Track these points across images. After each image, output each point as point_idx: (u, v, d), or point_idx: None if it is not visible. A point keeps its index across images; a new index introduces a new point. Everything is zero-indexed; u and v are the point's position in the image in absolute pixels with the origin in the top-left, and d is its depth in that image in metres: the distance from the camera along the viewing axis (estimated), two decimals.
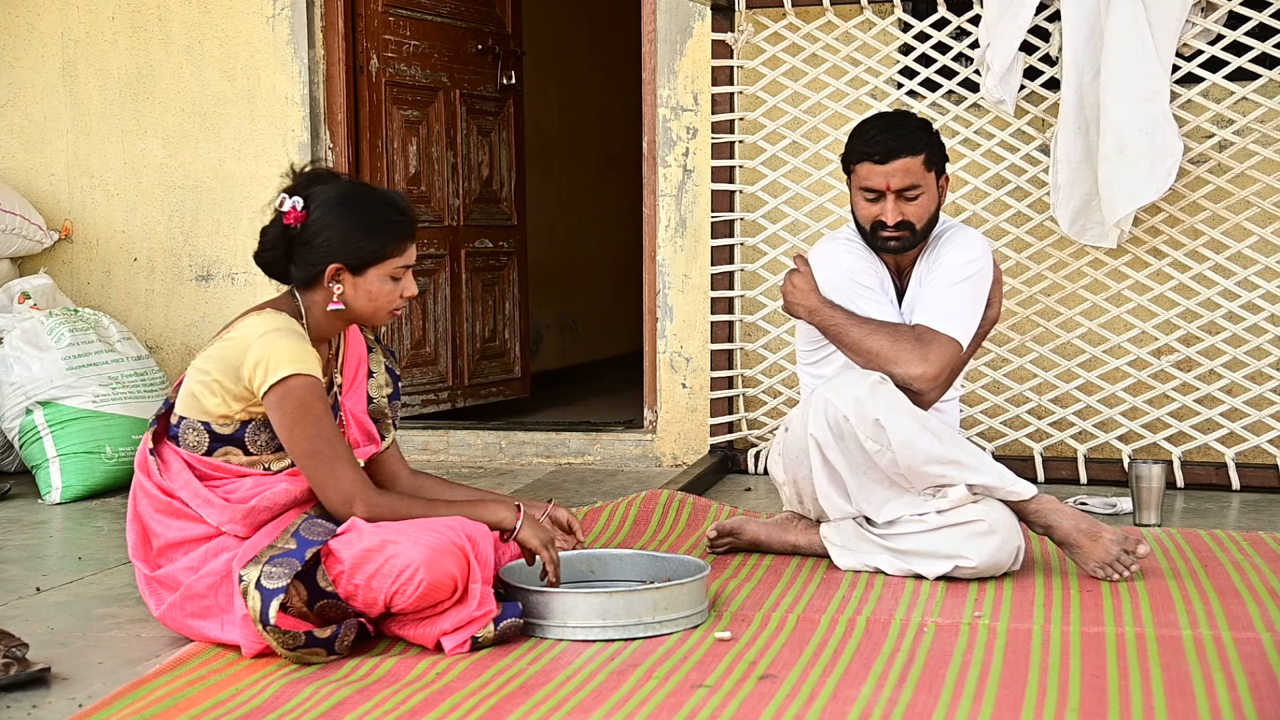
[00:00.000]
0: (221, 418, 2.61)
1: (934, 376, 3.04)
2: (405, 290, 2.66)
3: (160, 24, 4.98)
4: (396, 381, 2.87)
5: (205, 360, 2.62)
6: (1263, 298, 4.15)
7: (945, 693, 2.24)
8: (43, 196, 5.08)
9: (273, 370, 2.53)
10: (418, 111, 5.23)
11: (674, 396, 4.65)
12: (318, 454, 2.56)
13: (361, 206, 2.62)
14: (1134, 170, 3.95)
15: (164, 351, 5.01)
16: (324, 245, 2.60)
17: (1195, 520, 3.70)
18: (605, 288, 7.83)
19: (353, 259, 2.61)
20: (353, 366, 2.80)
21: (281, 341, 2.55)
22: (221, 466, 2.62)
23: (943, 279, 3.13)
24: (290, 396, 2.53)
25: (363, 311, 2.66)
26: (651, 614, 2.57)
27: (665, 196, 4.63)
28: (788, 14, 4.45)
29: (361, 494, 2.57)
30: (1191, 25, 4.06)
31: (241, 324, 2.62)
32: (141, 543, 2.65)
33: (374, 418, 2.82)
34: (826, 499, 3.06)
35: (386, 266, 2.63)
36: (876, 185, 3.10)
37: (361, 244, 2.61)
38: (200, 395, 2.61)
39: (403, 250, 2.64)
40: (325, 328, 2.70)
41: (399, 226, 2.64)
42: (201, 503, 2.59)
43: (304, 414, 2.54)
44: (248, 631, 2.45)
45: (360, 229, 2.60)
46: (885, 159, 3.07)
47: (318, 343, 2.69)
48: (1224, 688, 2.26)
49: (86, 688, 2.37)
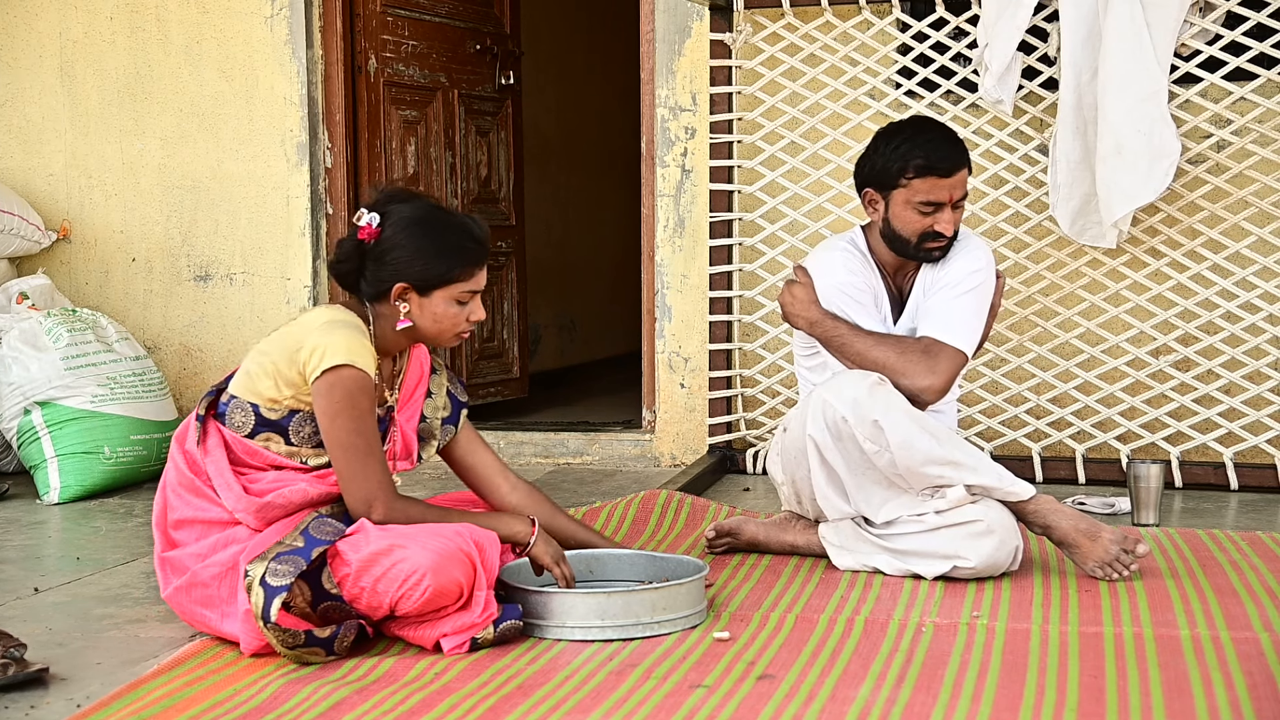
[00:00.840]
0: (270, 401, 2.64)
1: (941, 389, 3.06)
2: (472, 315, 2.70)
3: (158, 24, 4.98)
4: (458, 409, 2.90)
5: (267, 342, 2.67)
6: (1261, 297, 4.15)
7: (943, 693, 2.24)
8: (41, 196, 5.08)
9: (327, 357, 2.56)
10: (416, 111, 5.23)
11: (672, 396, 4.65)
12: (353, 448, 2.58)
13: (434, 229, 2.66)
14: (1131, 171, 3.96)
15: (162, 352, 5.01)
16: (393, 264, 2.64)
17: (1193, 520, 3.70)
18: (603, 288, 7.82)
19: (420, 280, 2.65)
20: (413, 383, 2.84)
21: (341, 332, 2.59)
22: (258, 452, 2.65)
23: (949, 289, 3.13)
24: (339, 385, 2.56)
25: (428, 331, 2.70)
26: (650, 614, 2.57)
27: (663, 196, 4.63)
28: (786, 14, 4.45)
29: (383, 497, 2.60)
30: (1190, 25, 4.06)
31: (309, 312, 2.69)
32: (162, 513, 2.68)
33: (421, 436, 2.85)
34: (825, 499, 3.07)
35: (453, 290, 2.66)
36: (939, 198, 3.08)
37: (429, 266, 2.64)
38: (255, 375, 2.64)
39: (470, 276, 2.67)
40: (389, 342, 2.73)
41: (469, 253, 2.67)
42: (223, 484, 2.61)
43: (349, 405, 2.57)
44: (248, 627, 2.46)
45: (429, 251, 2.64)
46: (951, 172, 3.07)
47: (381, 355, 2.73)
48: (1222, 688, 2.26)
49: (85, 688, 2.37)
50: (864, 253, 3.21)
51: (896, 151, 3.09)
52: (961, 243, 3.19)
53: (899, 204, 3.10)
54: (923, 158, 3.06)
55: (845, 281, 3.15)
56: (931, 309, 3.13)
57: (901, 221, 3.11)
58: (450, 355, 5.35)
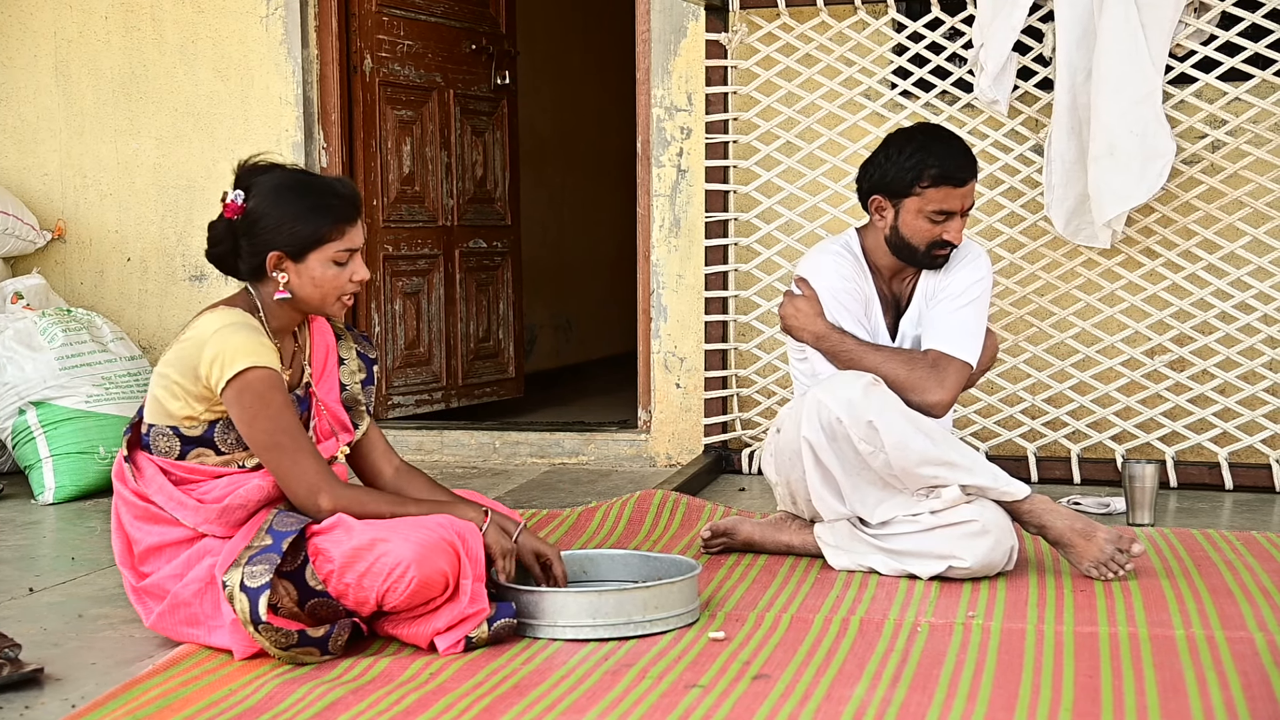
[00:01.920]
0: (187, 419, 2.60)
1: (949, 402, 3.08)
2: (354, 275, 2.63)
3: (153, 24, 4.97)
4: (371, 366, 2.84)
5: (165, 364, 2.62)
6: (1256, 298, 4.15)
7: (939, 693, 2.24)
8: (36, 196, 5.07)
9: (228, 365, 2.52)
10: (411, 111, 5.23)
11: (668, 396, 4.65)
12: (279, 446, 2.54)
13: (297, 192, 2.60)
14: (1123, 172, 3.96)
15: (157, 352, 5.00)
16: (262, 234, 2.59)
17: (1188, 520, 3.70)
18: (599, 288, 7.82)
19: (291, 245, 2.59)
20: (321, 355, 2.78)
21: (235, 336, 2.54)
22: (196, 469, 2.61)
23: (952, 300, 3.14)
24: (248, 390, 2.52)
25: (310, 299, 2.64)
26: (641, 613, 2.57)
27: (659, 196, 4.63)
28: (781, 14, 4.45)
29: (326, 486, 2.55)
30: (1184, 26, 4.06)
31: (196, 324, 2.62)
32: (125, 550, 2.64)
33: (346, 406, 2.80)
34: (820, 500, 3.07)
35: (327, 251, 2.60)
36: (953, 207, 3.08)
37: (296, 229, 2.59)
38: (164, 400, 2.61)
39: (342, 233, 2.61)
40: (283, 320, 2.68)
41: (335, 209, 2.61)
42: (175, 505, 2.58)
43: (263, 406, 2.53)
44: (237, 635, 2.45)
45: (294, 214, 2.59)
46: (965, 181, 3.08)
47: (280, 336, 2.67)
48: (1217, 687, 2.26)
49: (80, 688, 2.37)
50: (857, 256, 3.21)
51: (910, 160, 3.07)
52: (962, 249, 3.19)
53: (910, 212, 3.09)
54: (938, 167, 3.05)
55: (837, 287, 3.15)
56: (936, 320, 3.13)
57: (911, 230, 3.10)
58: (445, 356, 5.35)
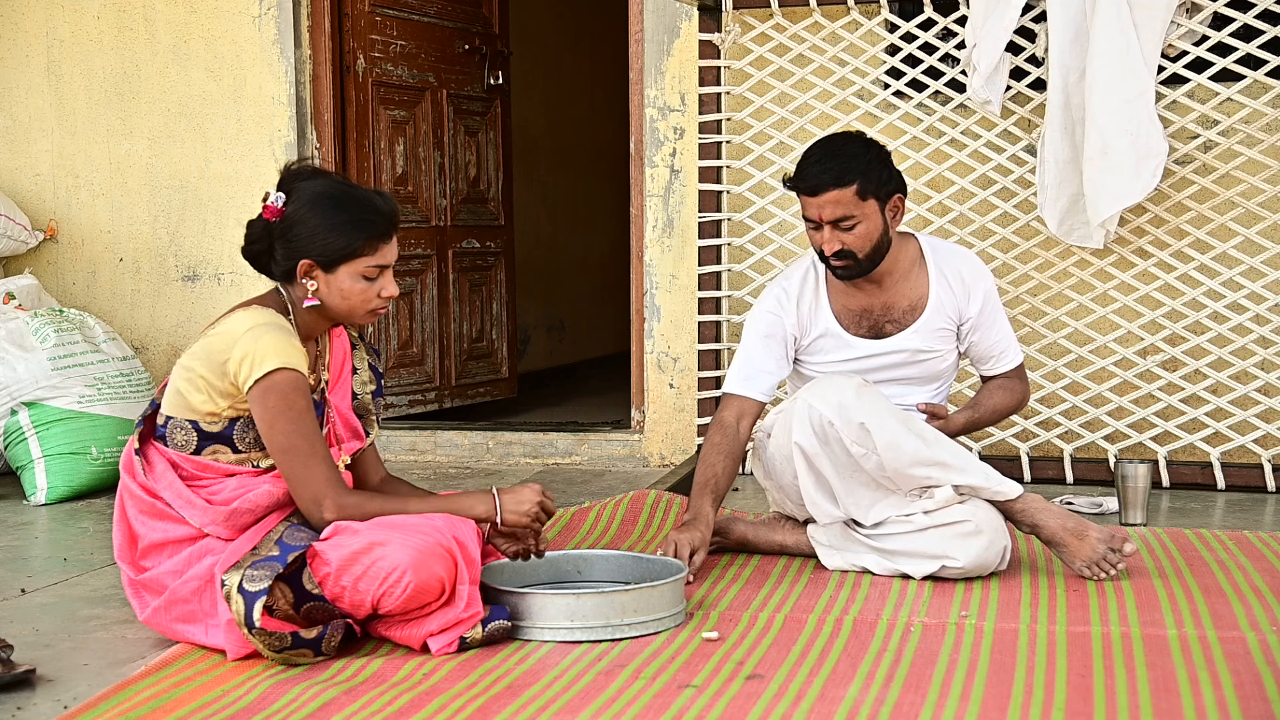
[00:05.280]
0: (209, 415, 2.60)
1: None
2: (383, 290, 2.65)
3: (146, 24, 4.97)
4: (379, 378, 2.87)
5: (191, 357, 2.62)
6: (1248, 298, 4.16)
7: (932, 692, 2.25)
8: (28, 196, 5.06)
9: (258, 365, 2.52)
10: (405, 112, 5.22)
11: (661, 397, 4.65)
12: (295, 450, 2.55)
13: (335, 203, 2.61)
14: (1118, 172, 3.96)
15: (150, 352, 5.00)
16: (296, 240, 2.60)
17: (1181, 520, 3.71)
18: (592, 288, 7.82)
19: (323, 256, 2.60)
20: (338, 363, 2.80)
21: (267, 336, 2.54)
22: (209, 466, 2.62)
23: (993, 314, 3.25)
24: (274, 391, 2.53)
25: (338, 309, 2.66)
26: (620, 616, 2.55)
27: (652, 197, 4.63)
28: (774, 15, 4.45)
29: (331, 495, 2.55)
30: (1176, 26, 4.07)
31: (228, 320, 2.62)
32: (127, 544, 2.64)
33: (358, 414, 2.82)
34: (813, 504, 3.06)
35: (357, 265, 2.62)
36: (811, 215, 3.09)
37: (330, 240, 2.60)
38: (187, 393, 2.60)
39: (375, 249, 2.62)
40: (310, 325, 2.69)
41: (370, 225, 2.62)
42: (183, 503, 2.58)
43: (286, 408, 2.54)
44: (232, 636, 2.44)
45: (329, 225, 2.59)
46: (814, 192, 3.05)
47: (304, 340, 2.69)
48: (1209, 687, 2.26)
49: (72, 689, 2.37)
50: (819, 278, 3.22)
51: None
52: (959, 263, 3.21)
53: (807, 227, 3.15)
54: (796, 175, 3.09)
55: (762, 319, 3.22)
56: (994, 345, 3.28)
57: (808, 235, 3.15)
58: (438, 356, 5.35)
